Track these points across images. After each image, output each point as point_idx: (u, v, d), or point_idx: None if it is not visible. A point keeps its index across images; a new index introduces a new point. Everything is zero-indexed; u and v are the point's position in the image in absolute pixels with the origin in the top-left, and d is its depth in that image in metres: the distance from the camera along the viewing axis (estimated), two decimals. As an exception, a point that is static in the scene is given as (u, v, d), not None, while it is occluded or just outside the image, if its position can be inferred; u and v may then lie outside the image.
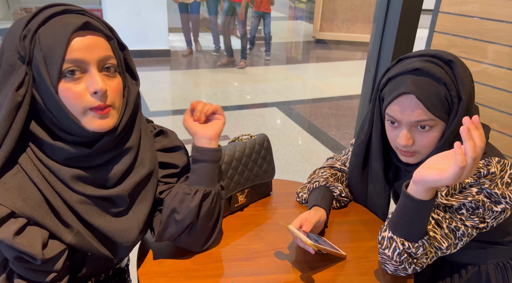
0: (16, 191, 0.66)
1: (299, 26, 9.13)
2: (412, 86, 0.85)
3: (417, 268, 0.85)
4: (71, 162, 0.71)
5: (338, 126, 3.80)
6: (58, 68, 0.65)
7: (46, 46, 0.65)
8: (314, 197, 1.05)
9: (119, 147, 0.76)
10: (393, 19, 1.24)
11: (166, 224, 0.85)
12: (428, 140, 0.89)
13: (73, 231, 0.72)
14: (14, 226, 0.65)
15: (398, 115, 0.89)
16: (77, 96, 0.67)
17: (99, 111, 0.69)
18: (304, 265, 0.91)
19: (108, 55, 0.71)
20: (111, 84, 0.71)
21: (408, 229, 0.82)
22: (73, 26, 0.66)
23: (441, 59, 0.87)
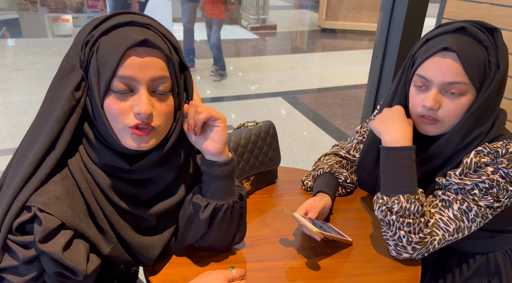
0: (66, 199, 0.65)
1: (304, 15, 9.04)
2: (454, 43, 0.83)
3: (416, 246, 0.84)
4: (111, 169, 0.70)
5: (343, 116, 3.78)
6: (107, 81, 0.64)
7: (102, 57, 0.64)
8: (319, 183, 1.05)
9: (163, 166, 0.73)
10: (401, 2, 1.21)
11: (183, 231, 0.83)
12: (455, 107, 0.86)
13: (111, 243, 0.71)
14: (63, 239, 0.63)
15: (431, 74, 0.86)
16: (120, 113, 0.65)
17: (138, 132, 0.66)
18: (309, 252, 0.91)
19: (163, 76, 0.67)
20: (160, 106, 0.67)
21: (386, 182, 0.87)
22: (131, 41, 0.63)
23: (484, 26, 0.85)
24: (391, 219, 0.84)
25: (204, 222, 0.78)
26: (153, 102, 0.66)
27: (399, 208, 0.83)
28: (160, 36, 0.67)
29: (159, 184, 0.75)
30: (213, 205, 0.77)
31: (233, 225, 0.82)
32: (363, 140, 1.14)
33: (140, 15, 0.68)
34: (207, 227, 0.80)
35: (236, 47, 6.19)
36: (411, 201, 0.83)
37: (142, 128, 0.66)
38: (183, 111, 0.74)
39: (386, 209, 0.85)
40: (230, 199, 0.79)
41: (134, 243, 0.74)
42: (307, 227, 0.84)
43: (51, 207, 0.63)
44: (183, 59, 0.71)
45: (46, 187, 0.64)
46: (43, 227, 0.61)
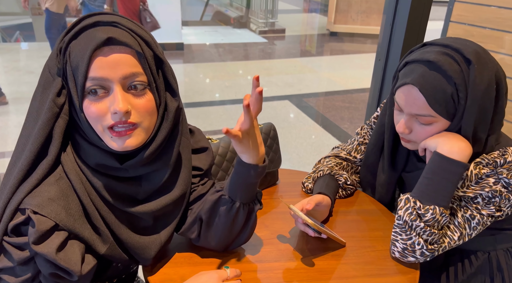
0: (60, 200, 0.65)
1: (313, 19, 9.04)
2: (419, 79, 0.83)
3: (426, 252, 0.84)
4: (102, 168, 0.70)
5: (351, 120, 3.76)
6: (81, 85, 0.64)
7: (74, 62, 0.64)
8: (319, 185, 1.05)
9: (155, 163, 0.73)
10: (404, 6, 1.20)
11: (191, 224, 0.84)
12: (425, 134, 0.88)
13: (107, 243, 0.71)
14: (57, 240, 0.64)
15: (401, 103, 0.88)
16: (98, 115, 0.65)
17: (115, 133, 0.66)
18: (307, 253, 0.91)
19: (135, 72, 0.66)
20: (138, 102, 0.67)
21: (425, 189, 0.84)
22: (95, 42, 0.63)
23: (462, 55, 0.82)
24: (417, 224, 0.83)
25: (207, 204, 0.80)
26: (129, 99, 0.66)
27: (431, 218, 0.83)
28: (128, 32, 0.66)
29: (155, 181, 0.75)
30: (220, 194, 0.79)
31: (235, 227, 0.82)
32: (364, 142, 1.14)
33: (107, 15, 0.67)
34: (208, 214, 0.81)
35: (244, 51, 6.22)
36: (444, 215, 0.83)
37: (121, 128, 0.66)
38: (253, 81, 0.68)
39: (416, 213, 0.84)
40: (239, 200, 0.79)
41: (130, 243, 0.75)
42: (302, 218, 0.84)
43: (44, 209, 0.63)
44: (157, 52, 0.69)
45: (40, 188, 0.65)
46: (36, 229, 0.62)
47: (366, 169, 1.12)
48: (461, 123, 0.85)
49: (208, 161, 0.88)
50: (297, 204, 0.93)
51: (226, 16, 8.02)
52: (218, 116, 3.74)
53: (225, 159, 1.02)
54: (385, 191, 1.09)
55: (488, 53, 0.85)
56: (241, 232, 0.85)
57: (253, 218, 0.83)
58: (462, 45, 0.83)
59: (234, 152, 1.03)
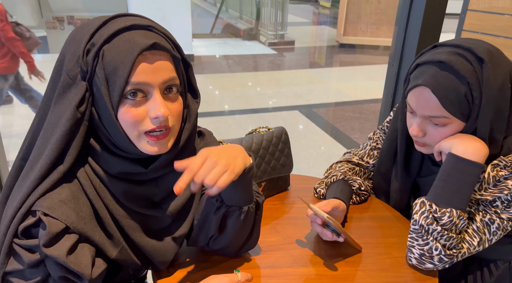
0: (71, 203, 0.64)
1: (322, 31, 9.09)
2: (430, 80, 0.81)
3: (444, 258, 0.81)
4: (124, 175, 0.69)
5: (361, 130, 3.73)
6: (120, 90, 0.62)
7: (110, 65, 0.61)
8: (333, 191, 1.02)
9: (171, 164, 0.70)
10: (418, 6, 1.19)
11: (198, 231, 0.82)
12: (440, 136, 0.86)
13: (118, 247, 0.70)
14: (67, 243, 0.62)
15: (413, 105, 0.86)
16: (136, 119, 0.64)
17: (154, 138, 0.65)
18: (321, 259, 0.88)
19: (173, 77, 0.66)
20: (173, 107, 0.67)
21: (441, 191, 0.82)
22: (140, 47, 0.61)
23: (474, 54, 0.80)
24: (433, 228, 0.80)
25: (215, 223, 0.77)
26: (166, 104, 0.66)
27: (448, 221, 0.80)
28: (163, 37, 0.66)
29: (171, 181, 0.74)
30: (226, 208, 0.77)
31: (245, 230, 0.81)
32: (377, 147, 1.12)
33: (138, 17, 0.66)
34: (218, 229, 0.78)
35: (254, 62, 6.25)
36: (462, 217, 0.80)
37: (159, 132, 0.66)
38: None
39: (432, 217, 0.81)
40: (245, 204, 0.77)
41: (147, 246, 0.74)
42: (323, 216, 0.82)
43: (55, 211, 0.62)
44: (184, 56, 0.71)
45: (51, 192, 0.64)
46: (47, 231, 0.61)
47: (380, 175, 1.09)
48: (476, 124, 0.83)
49: None
50: (314, 205, 0.91)
51: (236, 29, 8.10)
52: (227, 126, 3.74)
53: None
54: (399, 197, 1.06)
55: (500, 52, 0.83)
56: (252, 232, 0.83)
57: (260, 214, 0.82)
58: (474, 45, 0.82)
59: (246, 155, 1.01)
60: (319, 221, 0.87)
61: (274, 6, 7.07)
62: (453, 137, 0.85)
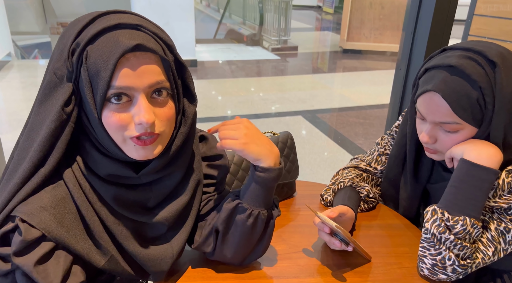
0: (53, 209, 0.61)
1: (325, 36, 9.09)
2: (441, 85, 0.78)
3: (458, 269, 0.78)
4: (114, 178, 0.66)
5: (365, 135, 3.69)
6: (102, 94, 0.59)
7: (93, 67, 0.58)
8: (340, 198, 0.99)
9: (168, 168, 0.70)
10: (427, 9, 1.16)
11: (207, 237, 0.79)
12: (451, 142, 0.83)
13: (107, 255, 0.67)
14: (39, 252, 0.59)
15: (423, 111, 0.84)
16: (121, 125, 0.61)
17: (140, 143, 0.62)
18: (329, 269, 0.85)
19: (160, 80, 0.62)
20: (161, 112, 0.63)
21: (453, 198, 0.78)
22: (122, 48, 0.57)
23: (486, 58, 0.78)
24: (446, 237, 0.77)
25: (223, 213, 0.76)
26: (153, 109, 0.62)
27: (461, 230, 0.77)
28: (152, 37, 0.62)
29: (166, 186, 0.71)
30: (237, 202, 0.75)
31: (253, 237, 0.78)
32: (385, 152, 1.09)
33: (127, 14, 0.62)
34: (224, 224, 0.76)
35: (257, 68, 6.24)
36: (476, 226, 0.77)
37: (146, 138, 0.62)
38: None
39: (444, 225, 0.78)
40: (257, 208, 0.75)
41: (140, 255, 0.70)
42: (330, 224, 0.79)
43: (34, 218, 0.59)
44: (178, 56, 0.66)
45: (34, 196, 0.61)
46: (21, 238, 0.58)
47: (388, 182, 1.06)
48: (489, 129, 0.80)
49: (223, 169, 0.84)
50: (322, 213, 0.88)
51: (239, 34, 8.11)
52: (230, 131, 3.71)
53: (240, 167, 0.98)
54: (409, 205, 1.03)
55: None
56: (259, 242, 0.79)
57: (271, 226, 0.78)
58: (485, 48, 0.79)
59: (251, 161, 0.99)
60: (327, 230, 0.84)
61: (277, 12, 7.08)
62: (465, 143, 0.82)
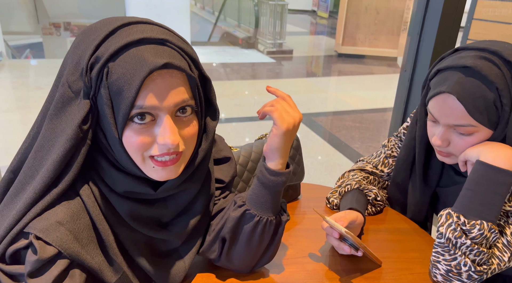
0: (68, 224, 0.57)
1: (320, 41, 9.11)
2: (456, 86, 0.76)
3: (473, 275, 0.75)
4: (131, 194, 0.63)
5: (362, 139, 3.68)
6: (125, 113, 0.55)
7: (115, 86, 0.54)
8: (348, 201, 0.96)
9: (183, 184, 0.66)
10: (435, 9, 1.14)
11: (211, 243, 0.76)
12: (465, 145, 0.81)
13: (119, 272, 0.63)
14: (55, 271, 0.56)
15: (436, 114, 0.81)
16: (143, 145, 0.57)
17: (161, 164, 0.59)
18: (338, 275, 0.81)
19: (185, 99, 0.58)
20: (185, 131, 0.60)
21: (469, 202, 0.75)
22: (149, 67, 0.53)
23: (502, 58, 0.75)
24: (462, 242, 0.74)
25: (230, 222, 0.71)
26: (178, 128, 0.59)
27: (478, 234, 0.74)
28: (179, 52, 0.58)
29: (182, 201, 0.68)
30: (244, 209, 0.71)
31: (262, 244, 0.74)
32: (392, 155, 1.07)
33: (150, 25, 0.57)
34: (231, 232, 0.72)
35: (252, 71, 6.22)
36: (494, 230, 0.75)
37: (166, 158, 0.59)
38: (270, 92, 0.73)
39: (460, 230, 0.75)
40: (265, 214, 0.71)
41: (152, 271, 0.67)
42: (340, 230, 0.76)
43: (50, 234, 0.55)
44: (203, 71, 0.62)
45: (49, 211, 0.57)
46: (37, 258, 0.54)
47: (396, 186, 1.04)
48: (505, 131, 0.78)
49: (231, 173, 0.80)
50: (330, 217, 0.85)
51: (234, 37, 8.09)
52: (226, 133, 3.68)
53: (246, 168, 0.94)
54: (418, 209, 1.00)
55: None
56: (267, 249, 0.76)
57: (280, 233, 0.75)
58: (500, 47, 0.76)
59: (256, 162, 0.95)
60: (336, 235, 0.81)
61: (273, 15, 7.08)
62: (481, 145, 0.79)
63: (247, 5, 7.90)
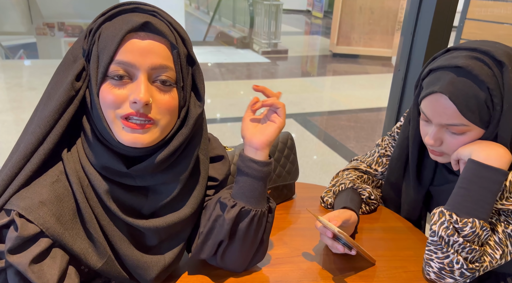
0: (52, 205, 0.58)
1: (315, 40, 9.13)
2: (448, 86, 0.76)
3: (466, 272, 0.76)
4: (108, 173, 0.63)
5: (357, 139, 3.70)
6: (104, 67, 0.59)
7: (102, 43, 0.60)
8: (342, 200, 0.97)
9: (166, 174, 0.66)
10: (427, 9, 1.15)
11: (204, 238, 0.74)
12: (458, 144, 0.81)
13: (104, 257, 0.63)
14: (36, 249, 0.56)
15: (429, 114, 0.82)
16: (115, 101, 0.59)
17: (130, 125, 0.59)
18: (333, 273, 0.82)
19: (164, 65, 0.61)
20: (160, 98, 0.61)
21: (462, 200, 0.76)
22: (131, 24, 0.59)
23: (493, 58, 0.76)
24: (455, 240, 0.75)
25: (228, 224, 0.70)
26: (153, 92, 0.60)
27: (470, 232, 0.74)
28: (166, 24, 0.62)
29: (162, 195, 0.67)
30: (240, 207, 0.71)
31: (257, 238, 0.74)
32: (386, 154, 1.07)
33: (146, 4, 0.63)
34: (229, 234, 0.71)
35: (247, 71, 6.22)
36: (486, 228, 0.75)
37: (136, 121, 0.59)
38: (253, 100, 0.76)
39: (453, 228, 0.76)
40: (259, 206, 0.72)
41: (129, 260, 0.66)
42: (333, 229, 0.77)
43: (32, 213, 0.56)
44: (191, 52, 0.65)
45: (33, 190, 0.58)
46: (17, 234, 0.54)
47: (389, 185, 1.04)
48: (497, 130, 0.78)
49: (224, 171, 0.81)
50: (324, 217, 0.85)
51: (229, 37, 8.09)
52: (221, 134, 3.67)
53: (240, 168, 0.94)
54: (412, 208, 1.00)
55: None
56: (261, 242, 0.76)
57: (271, 222, 0.76)
58: (491, 47, 0.77)
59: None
60: (329, 234, 0.81)
61: (268, 15, 7.09)
62: (473, 144, 0.80)
63: (242, 5, 7.90)
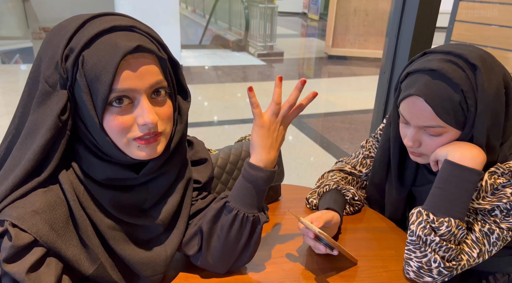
0: (44, 213, 0.59)
1: (311, 43, 9.17)
2: (424, 89, 0.78)
3: (443, 271, 0.77)
4: (112, 181, 0.65)
5: (351, 140, 3.72)
6: (104, 98, 0.57)
7: (92, 72, 0.57)
8: (326, 201, 0.98)
9: (163, 166, 0.70)
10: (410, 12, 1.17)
11: (190, 238, 0.78)
12: (436, 145, 0.83)
13: (96, 263, 0.64)
14: (31, 258, 0.57)
15: (406, 116, 0.84)
16: (124, 128, 0.60)
17: (144, 142, 0.62)
18: (315, 273, 0.83)
19: (159, 80, 0.62)
20: (161, 111, 0.64)
21: (438, 200, 0.78)
22: (123, 51, 0.57)
23: (466, 61, 0.78)
24: (432, 239, 0.77)
25: (210, 212, 0.74)
26: (154, 109, 0.62)
27: (446, 231, 0.76)
28: (147, 37, 0.62)
29: (162, 185, 0.71)
30: (225, 201, 0.75)
31: (240, 240, 0.76)
32: (370, 155, 1.09)
33: (118, 16, 0.62)
34: (210, 222, 0.75)
35: (243, 73, 6.24)
36: (461, 227, 0.77)
37: (148, 137, 0.62)
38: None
39: (430, 227, 0.77)
40: (244, 209, 0.74)
41: (133, 259, 0.68)
42: (314, 231, 0.78)
43: (25, 222, 0.57)
44: (171, 55, 0.67)
45: (25, 200, 0.59)
46: (12, 244, 0.55)
47: (374, 186, 1.06)
48: (472, 131, 0.80)
49: (207, 173, 0.82)
50: (306, 218, 0.87)
51: (225, 40, 8.11)
52: (216, 136, 3.69)
53: (224, 170, 0.96)
54: (395, 208, 1.02)
55: (492, 57, 0.81)
56: (244, 249, 0.78)
57: (258, 232, 0.77)
58: (465, 51, 0.79)
59: (235, 164, 0.97)
60: (311, 235, 0.83)
61: (263, 18, 7.12)
62: (449, 145, 0.82)
63: (238, 8, 7.93)
